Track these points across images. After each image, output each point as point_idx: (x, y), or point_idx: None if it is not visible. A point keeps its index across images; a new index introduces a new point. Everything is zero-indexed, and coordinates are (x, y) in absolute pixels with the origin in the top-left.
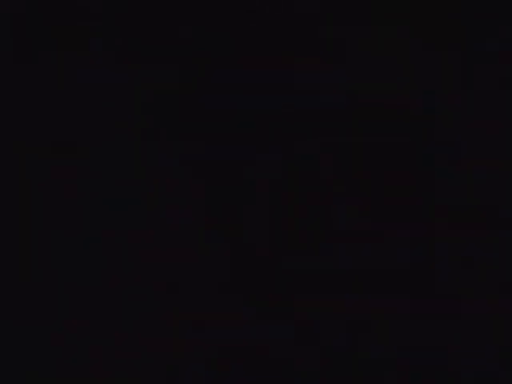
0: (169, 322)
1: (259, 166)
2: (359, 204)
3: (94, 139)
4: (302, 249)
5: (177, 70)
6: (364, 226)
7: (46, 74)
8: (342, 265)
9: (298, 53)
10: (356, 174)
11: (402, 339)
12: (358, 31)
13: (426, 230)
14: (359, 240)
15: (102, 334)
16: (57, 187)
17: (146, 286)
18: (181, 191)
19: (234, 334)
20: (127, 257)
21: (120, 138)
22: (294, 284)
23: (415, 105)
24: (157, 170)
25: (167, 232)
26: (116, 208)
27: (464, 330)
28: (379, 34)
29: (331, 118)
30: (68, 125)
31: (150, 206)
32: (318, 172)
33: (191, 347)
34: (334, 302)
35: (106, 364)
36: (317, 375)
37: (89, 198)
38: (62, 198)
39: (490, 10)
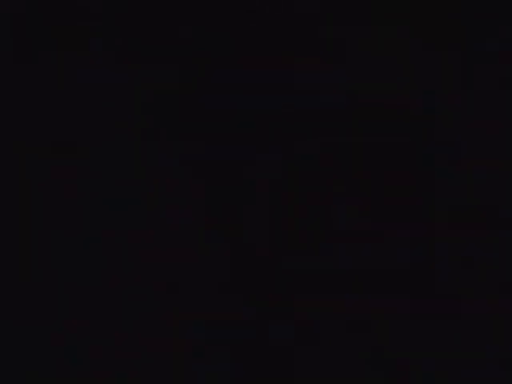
0: (169, 322)
1: (259, 166)
2: (359, 204)
3: (93, 139)
4: (302, 249)
5: (177, 70)
6: (364, 225)
7: (46, 74)
8: (342, 265)
9: (298, 53)
10: (356, 174)
11: (402, 339)
12: (358, 31)
13: (426, 230)
14: (359, 240)
15: (101, 334)
16: (57, 187)
17: (146, 286)
18: (181, 191)
19: (234, 333)
20: (127, 257)
21: (120, 138)
22: (293, 284)
23: (415, 105)
24: (157, 170)
25: (167, 232)
26: (116, 208)
27: (464, 330)
28: (379, 33)
29: (331, 118)
30: (68, 125)
31: (150, 206)
32: (317, 172)
33: (191, 347)
34: (334, 302)
35: (105, 364)
36: (317, 375)
37: (89, 198)
38: (62, 198)
39: (489, 10)
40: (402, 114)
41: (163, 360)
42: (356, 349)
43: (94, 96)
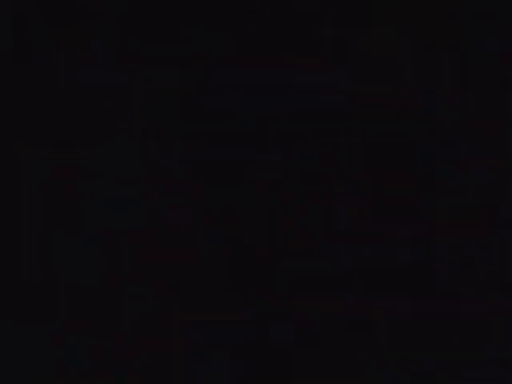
0: (169, 322)
1: (259, 166)
2: (359, 204)
3: (93, 139)
4: (302, 249)
5: (177, 69)
6: (364, 226)
7: (46, 73)
8: (342, 265)
9: (298, 53)
10: (356, 174)
11: (402, 339)
12: (358, 31)
13: (426, 230)
14: (359, 240)
15: (102, 334)
16: (57, 187)
17: (146, 286)
18: (181, 191)
19: (234, 333)
20: (127, 257)
21: (120, 137)
22: (294, 284)
23: (415, 105)
24: (157, 169)
25: (167, 232)
26: (116, 208)
27: (464, 330)
28: (379, 33)
29: (331, 118)
30: (68, 125)
31: (150, 206)
32: (317, 172)
33: (191, 347)
34: (334, 302)
35: (106, 364)
36: (317, 375)
37: (89, 198)
38: (62, 198)
39: (489, 9)
40: (402, 113)
41: (163, 360)
42: (356, 349)
43: (94, 96)
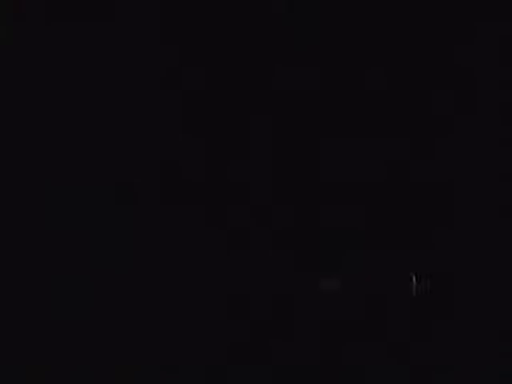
0: (169, 322)
1: (259, 166)
2: (360, 205)
3: (94, 139)
4: (303, 246)
5: (178, 69)
6: (366, 226)
7: (48, 71)
8: (343, 265)
9: (297, 53)
10: (356, 175)
11: (402, 339)
12: (358, 31)
13: (425, 229)
14: (359, 238)
15: (102, 334)
16: (56, 187)
17: (146, 286)
18: (181, 189)
19: (234, 333)
20: (127, 257)
21: (123, 134)
22: (295, 285)
23: (415, 105)
24: (157, 168)
25: (167, 232)
26: (116, 208)
27: (463, 330)
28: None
29: (332, 118)
30: (68, 124)
31: (151, 206)
32: (318, 172)
33: (191, 347)
34: (336, 301)
35: (105, 364)
36: (317, 374)
37: (89, 198)
38: (61, 198)
39: (490, 9)
40: (401, 113)
41: (163, 360)
42: (356, 348)
43: (96, 95)
